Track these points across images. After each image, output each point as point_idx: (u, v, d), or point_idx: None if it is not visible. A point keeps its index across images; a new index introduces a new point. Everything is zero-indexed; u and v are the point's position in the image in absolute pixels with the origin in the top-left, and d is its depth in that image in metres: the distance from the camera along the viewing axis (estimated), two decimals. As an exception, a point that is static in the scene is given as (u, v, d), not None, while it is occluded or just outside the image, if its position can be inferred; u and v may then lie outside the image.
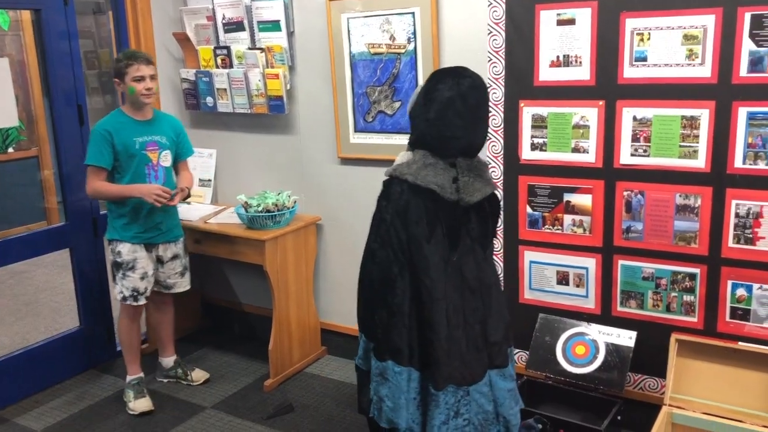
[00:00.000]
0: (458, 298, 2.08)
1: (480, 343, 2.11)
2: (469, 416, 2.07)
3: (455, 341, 2.06)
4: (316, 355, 3.77)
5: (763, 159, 2.50)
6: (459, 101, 2.01)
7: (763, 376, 2.57)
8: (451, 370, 2.04)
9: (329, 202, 3.64)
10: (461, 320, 2.08)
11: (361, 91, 3.35)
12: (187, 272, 3.46)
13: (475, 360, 2.09)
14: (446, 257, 2.05)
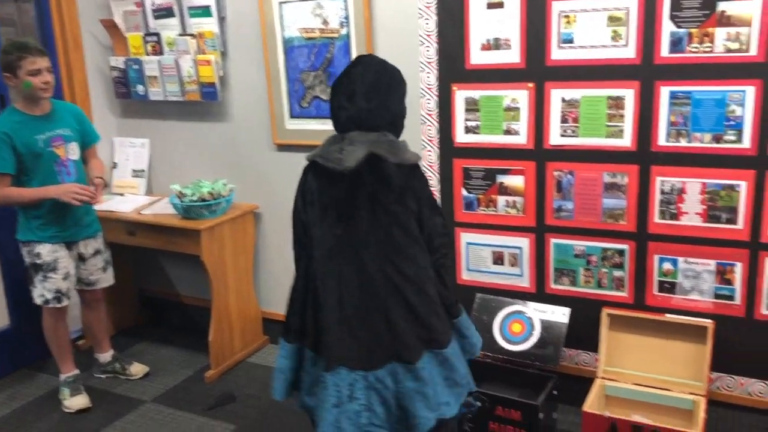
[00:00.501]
0: (355, 280, 1.94)
1: (382, 331, 1.92)
2: (367, 403, 1.91)
3: (348, 323, 1.94)
4: (258, 344, 3.75)
5: (684, 136, 2.59)
6: (344, 76, 2.02)
7: (690, 346, 2.68)
8: (342, 352, 1.92)
9: (267, 190, 3.61)
10: (356, 302, 1.94)
11: (295, 77, 3.32)
12: (109, 267, 3.37)
13: (375, 346, 1.92)
14: (337, 235, 1.96)
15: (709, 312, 2.68)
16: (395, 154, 1.93)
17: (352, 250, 1.95)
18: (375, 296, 1.94)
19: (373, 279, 1.94)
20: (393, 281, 1.93)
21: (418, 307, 1.95)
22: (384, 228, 1.94)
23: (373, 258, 1.94)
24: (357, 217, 1.95)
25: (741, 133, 2.50)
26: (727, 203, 2.58)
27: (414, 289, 1.95)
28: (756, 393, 2.68)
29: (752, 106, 2.47)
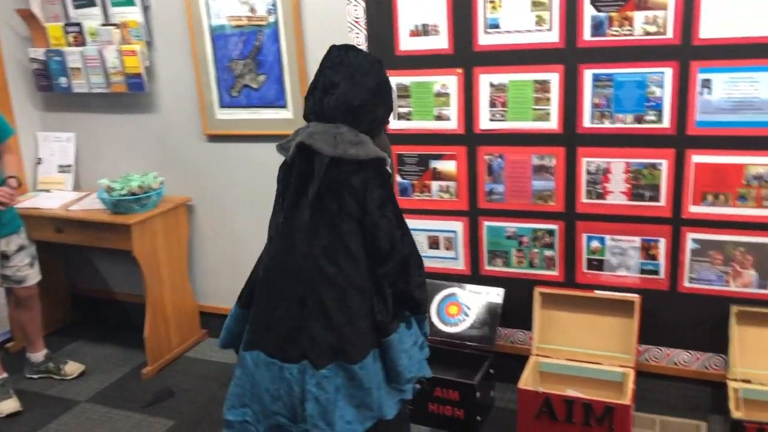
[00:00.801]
0: (285, 269, 1.92)
1: (298, 325, 1.88)
2: (276, 391, 1.90)
3: (273, 308, 1.92)
4: (196, 338, 3.70)
5: (608, 118, 2.67)
6: (318, 68, 1.97)
7: (618, 321, 2.78)
8: (258, 337, 1.92)
9: (199, 182, 3.55)
10: (282, 290, 1.91)
11: (224, 66, 3.27)
12: (36, 262, 3.24)
13: (291, 339, 1.88)
14: (280, 222, 1.95)
15: (635, 287, 2.78)
16: (335, 146, 1.84)
17: (290, 239, 1.92)
18: (296, 289, 1.89)
19: (298, 272, 1.89)
20: (314, 279, 1.87)
21: (332, 313, 1.86)
22: (317, 223, 1.88)
23: (303, 251, 1.89)
24: (300, 206, 1.91)
25: (661, 113, 2.59)
26: (649, 181, 2.67)
27: (332, 293, 1.87)
28: (681, 362, 2.80)
29: (670, 86, 2.56)
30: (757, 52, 2.42)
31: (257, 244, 3.45)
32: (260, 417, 1.95)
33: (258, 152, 3.35)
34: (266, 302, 1.95)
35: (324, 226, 1.88)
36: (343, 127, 1.88)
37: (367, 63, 1.93)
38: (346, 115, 1.89)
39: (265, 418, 1.94)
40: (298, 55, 3.09)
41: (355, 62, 1.91)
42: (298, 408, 1.87)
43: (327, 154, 1.84)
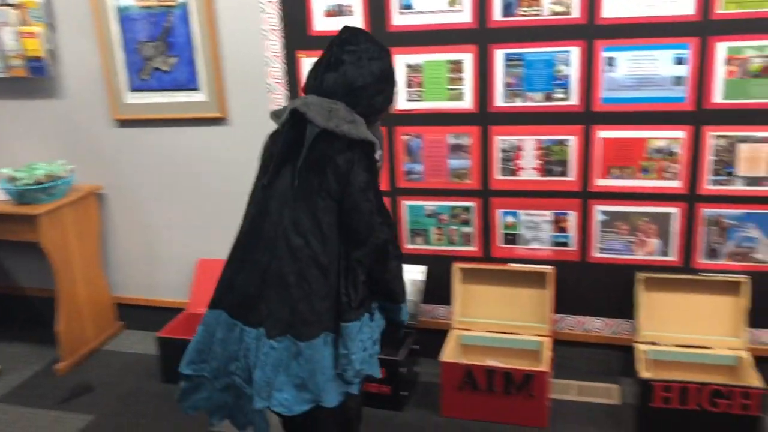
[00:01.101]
0: (255, 234, 1.92)
1: (259, 292, 1.88)
2: (238, 354, 1.91)
3: (238, 271, 1.93)
4: (112, 331, 3.58)
5: (519, 96, 2.75)
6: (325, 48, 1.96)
7: (534, 292, 2.88)
8: (222, 297, 1.95)
9: (110, 169, 3.43)
10: (250, 253, 1.91)
11: (132, 48, 3.16)
12: None
13: (252, 304, 1.88)
14: (262, 185, 1.94)
15: (548, 259, 2.90)
16: (328, 119, 1.81)
17: (265, 205, 1.91)
18: (263, 255, 1.88)
19: (266, 238, 1.88)
20: (280, 248, 1.85)
21: (290, 286, 1.84)
22: (294, 194, 1.85)
23: (273, 219, 1.87)
24: (281, 175, 1.89)
25: (568, 90, 2.70)
26: (559, 157, 2.78)
27: (294, 266, 1.84)
28: (593, 329, 2.94)
29: (577, 65, 2.66)
30: (656, 31, 2.55)
31: (173, 232, 3.41)
32: (218, 374, 1.95)
33: (171, 137, 3.27)
34: (234, 264, 1.96)
35: (300, 198, 1.85)
36: (339, 104, 1.85)
37: (377, 48, 1.92)
38: (346, 93, 1.87)
39: (222, 376, 1.94)
40: (210, 36, 3.02)
41: (364, 46, 1.90)
42: (252, 372, 1.87)
43: (318, 125, 1.81)
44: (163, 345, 3.07)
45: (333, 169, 1.82)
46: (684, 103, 2.60)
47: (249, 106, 3.10)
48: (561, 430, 2.62)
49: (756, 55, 2.49)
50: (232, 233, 3.35)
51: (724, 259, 2.72)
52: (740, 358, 2.64)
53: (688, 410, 2.45)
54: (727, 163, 2.61)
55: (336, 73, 1.87)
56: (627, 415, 2.69)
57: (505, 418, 2.64)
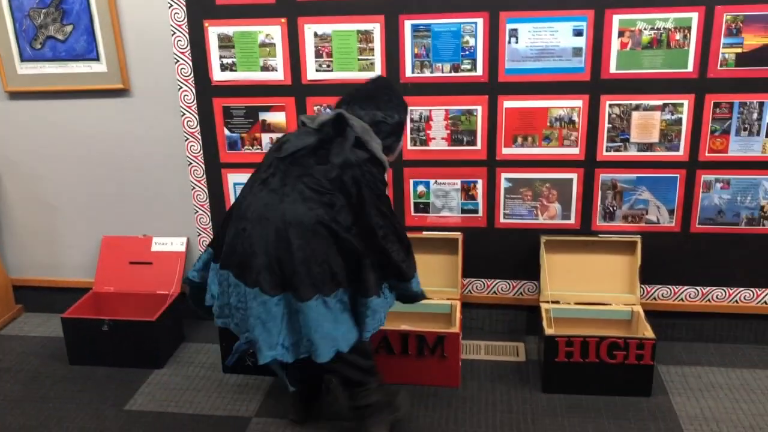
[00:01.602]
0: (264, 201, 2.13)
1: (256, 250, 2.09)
2: (231, 302, 2.19)
3: (240, 233, 2.14)
4: (11, 315, 3.41)
5: (428, 67, 2.81)
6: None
7: (444, 258, 2.98)
8: (227, 258, 2.19)
9: (3, 145, 3.23)
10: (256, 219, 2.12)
11: (22, 15, 2.98)
12: None
13: (251, 263, 2.09)
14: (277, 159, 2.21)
15: (458, 226, 2.99)
16: (363, 132, 2.16)
17: (281, 178, 2.14)
18: (268, 219, 2.08)
19: (275, 204, 2.10)
20: (291, 213, 2.07)
21: (294, 248, 2.06)
22: (309, 175, 2.12)
23: (290, 187, 2.11)
24: (300, 160, 2.15)
25: (475, 62, 2.78)
26: (467, 127, 2.86)
27: (300, 231, 2.06)
28: (500, 291, 3.07)
29: (482, 36, 2.74)
30: (556, 4, 2.66)
31: (74, 210, 3.28)
32: (241, 329, 2.21)
33: (69, 110, 3.12)
34: (233, 227, 2.17)
35: (313, 184, 2.11)
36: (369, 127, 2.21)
37: (403, 103, 2.35)
38: (372, 123, 2.22)
39: (241, 332, 2.22)
40: (109, 3, 2.89)
41: (396, 96, 2.33)
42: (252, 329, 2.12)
43: (356, 133, 2.15)
44: (69, 326, 2.96)
45: (351, 173, 2.12)
46: (582, 74, 2.73)
47: (152, 77, 3.00)
48: (472, 388, 2.74)
49: (647, 28, 2.64)
50: (136, 208, 3.30)
51: (619, 221, 2.90)
52: (635, 313, 2.83)
53: (588, 363, 2.61)
54: (621, 130, 2.78)
55: (372, 104, 2.25)
56: (533, 370, 2.84)
57: (418, 380, 2.73)
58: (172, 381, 2.86)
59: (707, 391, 2.68)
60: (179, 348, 3.11)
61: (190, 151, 3.08)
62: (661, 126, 2.75)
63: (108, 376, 2.90)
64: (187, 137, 3.05)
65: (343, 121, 2.17)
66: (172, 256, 3.19)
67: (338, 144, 2.15)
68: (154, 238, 3.23)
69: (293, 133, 2.30)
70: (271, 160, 2.22)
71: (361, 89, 2.33)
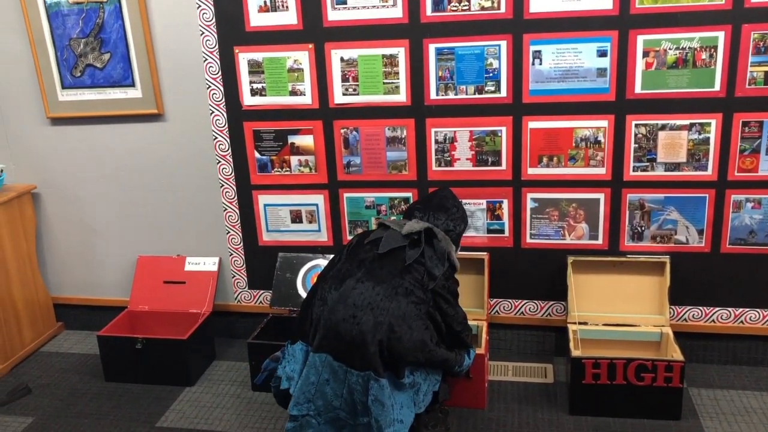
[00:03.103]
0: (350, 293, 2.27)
1: (365, 338, 2.18)
2: (342, 392, 2.23)
3: (340, 323, 2.22)
4: (51, 332, 3.53)
5: (451, 89, 2.84)
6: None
7: (471, 278, 2.99)
8: (327, 342, 2.24)
9: (44, 168, 3.37)
10: (353, 306, 2.23)
11: (64, 45, 3.11)
12: None
13: (359, 348, 2.18)
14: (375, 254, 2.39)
15: (484, 245, 3.00)
16: (447, 244, 2.44)
17: (376, 272, 2.31)
18: (365, 312, 2.20)
19: (365, 299, 2.23)
20: (382, 308, 2.21)
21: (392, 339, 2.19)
22: (394, 275, 2.29)
23: (384, 281, 2.28)
24: (384, 263, 2.33)
25: (499, 83, 2.80)
26: (491, 147, 2.88)
27: (399, 318, 2.21)
28: (527, 312, 3.06)
29: (506, 58, 2.76)
30: (578, 25, 2.67)
31: (111, 230, 3.39)
32: (321, 411, 2.23)
33: (107, 134, 3.23)
34: (340, 313, 2.23)
35: (399, 284, 2.28)
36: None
37: (465, 215, 2.63)
38: (445, 231, 2.49)
39: (326, 412, 2.23)
40: (144, 32, 3.00)
41: (461, 209, 2.61)
42: (358, 405, 2.18)
43: (443, 248, 2.40)
44: (105, 344, 3.05)
45: (439, 280, 2.35)
46: (607, 94, 2.72)
47: (185, 102, 3.10)
48: (498, 409, 2.73)
49: (672, 47, 2.63)
50: (170, 228, 3.39)
51: (647, 242, 2.87)
52: (663, 334, 2.79)
53: (616, 385, 2.58)
54: (648, 149, 2.76)
55: (444, 215, 2.53)
56: (560, 392, 2.82)
57: (446, 402, 2.73)
58: (203, 398, 2.92)
59: (740, 415, 2.62)
60: (210, 366, 3.18)
61: (221, 174, 3.16)
62: (689, 146, 2.72)
63: (141, 392, 2.98)
64: (219, 160, 3.14)
65: (431, 234, 2.42)
66: (205, 276, 3.26)
67: (429, 254, 2.37)
68: (188, 258, 3.31)
69: (380, 232, 2.46)
70: (368, 253, 2.38)
71: (432, 200, 2.59)
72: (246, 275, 3.30)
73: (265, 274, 3.24)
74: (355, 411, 2.20)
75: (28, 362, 3.31)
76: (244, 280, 3.31)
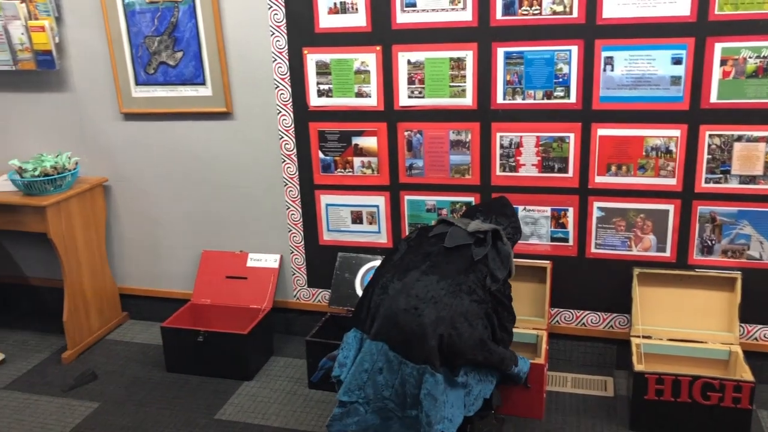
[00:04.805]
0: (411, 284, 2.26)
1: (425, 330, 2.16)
2: (394, 383, 2.21)
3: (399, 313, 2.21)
4: (117, 321, 3.64)
5: (519, 94, 2.80)
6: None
7: (531, 286, 2.94)
8: (385, 330, 2.22)
9: (115, 162, 3.48)
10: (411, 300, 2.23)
11: (139, 42, 3.21)
12: None
13: (416, 339, 2.16)
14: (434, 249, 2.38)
15: (546, 254, 2.95)
16: (510, 248, 2.44)
17: (454, 265, 2.30)
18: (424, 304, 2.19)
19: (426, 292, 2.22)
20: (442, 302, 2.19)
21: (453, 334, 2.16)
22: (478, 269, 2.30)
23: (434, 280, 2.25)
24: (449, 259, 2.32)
25: (568, 89, 2.75)
26: (558, 154, 2.83)
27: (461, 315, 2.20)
28: (589, 323, 3.00)
29: (576, 64, 2.71)
30: (653, 32, 2.60)
31: (177, 224, 3.47)
32: (371, 399, 2.22)
33: (176, 130, 3.32)
34: (402, 303, 2.21)
35: (462, 281, 2.27)
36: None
37: (519, 222, 2.65)
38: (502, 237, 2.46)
39: (375, 401, 2.22)
40: (216, 31, 3.07)
41: (515, 217, 2.62)
42: (408, 398, 2.16)
43: (507, 249, 2.41)
44: (168, 335, 3.13)
45: (500, 284, 2.36)
46: (681, 103, 2.65)
47: (253, 101, 3.15)
48: (556, 420, 2.68)
49: (752, 56, 2.54)
50: (234, 225, 3.44)
51: (718, 256, 2.77)
52: (732, 353, 2.69)
53: (680, 403, 2.50)
54: (722, 161, 2.67)
55: (506, 221, 2.54)
56: (621, 407, 2.75)
57: (501, 409, 2.70)
58: (260, 393, 2.97)
59: (813, 441, 2.51)
60: (268, 361, 3.22)
61: (286, 173, 3.20)
62: (766, 158, 2.62)
63: (201, 384, 3.05)
64: (284, 159, 3.18)
65: (498, 236, 2.42)
66: (266, 272, 3.31)
67: (493, 256, 2.36)
68: (250, 254, 3.37)
69: (444, 227, 2.44)
70: (434, 247, 2.37)
71: (493, 205, 2.63)
72: (306, 273, 3.33)
73: (324, 273, 3.27)
74: (404, 403, 2.18)
75: (95, 349, 3.42)
76: (303, 278, 3.34)
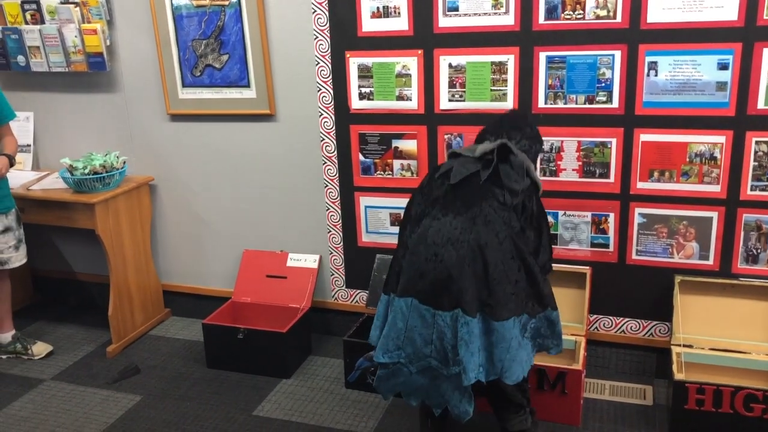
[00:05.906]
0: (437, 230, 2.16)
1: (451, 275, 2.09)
2: (432, 337, 2.12)
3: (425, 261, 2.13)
4: (160, 317, 3.73)
5: (561, 98, 2.79)
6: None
7: (570, 291, 2.93)
8: (412, 285, 2.15)
9: (161, 161, 3.57)
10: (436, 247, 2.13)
11: (186, 45, 3.29)
12: (22, 245, 3.28)
13: (446, 287, 2.09)
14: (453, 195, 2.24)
15: (586, 259, 2.93)
16: (525, 158, 2.27)
17: (461, 205, 2.16)
18: (451, 248, 2.09)
19: (452, 235, 2.11)
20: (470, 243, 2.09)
21: (491, 270, 2.07)
22: (494, 194, 2.16)
23: (460, 220, 2.13)
24: (475, 186, 2.19)
25: (611, 94, 2.73)
26: (600, 159, 2.81)
27: (497, 255, 2.09)
28: (629, 330, 2.96)
29: (619, 68, 2.69)
30: (699, 37, 2.56)
31: (220, 224, 3.54)
32: (413, 359, 2.13)
33: (221, 131, 3.39)
34: (418, 256, 2.13)
35: (487, 207, 2.14)
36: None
37: (539, 134, 2.46)
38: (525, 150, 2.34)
39: (418, 360, 2.12)
40: (261, 35, 3.13)
41: (535, 128, 2.45)
42: (449, 353, 2.06)
43: (520, 160, 2.24)
44: (209, 332, 3.20)
45: (523, 195, 2.20)
46: (726, 109, 2.60)
47: (296, 103, 3.20)
48: (593, 428, 2.66)
49: (801, 62, 2.49)
50: (275, 225, 3.50)
51: (763, 265, 2.72)
52: (777, 364, 2.64)
53: (721, 413, 2.46)
54: (769, 169, 2.62)
55: (519, 133, 2.35)
56: (659, 416, 2.71)
57: (538, 415, 2.68)
58: (298, 391, 3.01)
59: None
60: (306, 360, 3.27)
61: (326, 174, 3.24)
62: (816, 166, 2.56)
63: (240, 381, 3.10)
64: (325, 161, 3.22)
65: (506, 150, 2.26)
66: (305, 272, 3.36)
67: (506, 171, 2.21)
68: (290, 254, 3.42)
69: (450, 162, 2.31)
70: (441, 188, 2.24)
71: (505, 120, 2.44)
72: (344, 274, 3.37)
73: (362, 274, 3.30)
74: (446, 359, 2.07)
75: (138, 344, 3.51)
76: (342, 278, 3.38)
